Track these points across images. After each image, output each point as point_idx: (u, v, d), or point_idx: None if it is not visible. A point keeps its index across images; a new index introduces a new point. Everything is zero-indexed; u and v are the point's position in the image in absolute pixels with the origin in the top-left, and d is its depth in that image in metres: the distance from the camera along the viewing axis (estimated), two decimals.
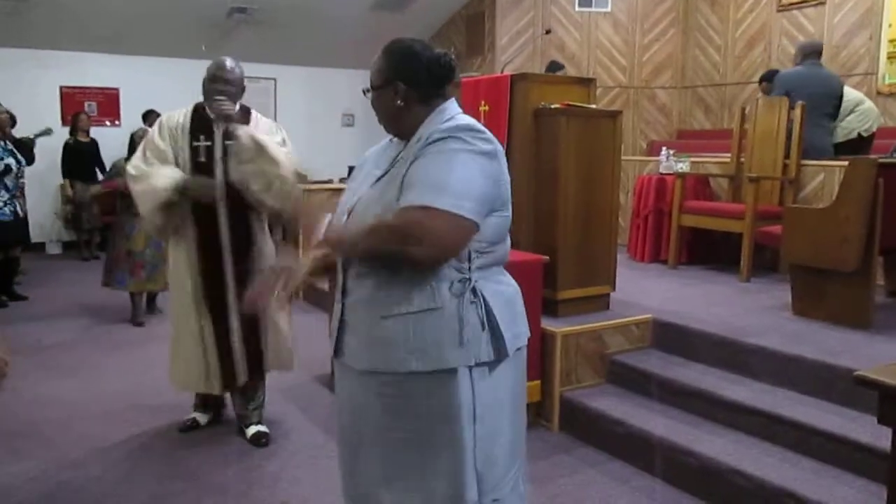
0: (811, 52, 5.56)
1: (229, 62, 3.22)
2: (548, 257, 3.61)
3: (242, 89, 3.25)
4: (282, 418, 3.64)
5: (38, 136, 7.07)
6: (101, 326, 5.45)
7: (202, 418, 3.57)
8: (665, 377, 3.48)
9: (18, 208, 6.07)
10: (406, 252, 1.55)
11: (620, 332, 3.79)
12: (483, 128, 1.69)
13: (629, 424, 3.26)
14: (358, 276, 1.71)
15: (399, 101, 1.74)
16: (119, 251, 5.43)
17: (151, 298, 5.84)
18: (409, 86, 1.73)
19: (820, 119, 5.34)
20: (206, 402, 3.57)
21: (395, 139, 1.84)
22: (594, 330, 3.71)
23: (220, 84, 3.16)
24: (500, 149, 1.71)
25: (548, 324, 3.61)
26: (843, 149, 5.45)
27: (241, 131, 3.11)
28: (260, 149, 3.09)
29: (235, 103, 3.20)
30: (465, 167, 1.60)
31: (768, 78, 6.18)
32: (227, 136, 3.16)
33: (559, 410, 3.57)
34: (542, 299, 3.56)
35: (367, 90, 1.82)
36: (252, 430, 3.42)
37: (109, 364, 4.56)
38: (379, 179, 1.73)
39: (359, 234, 1.64)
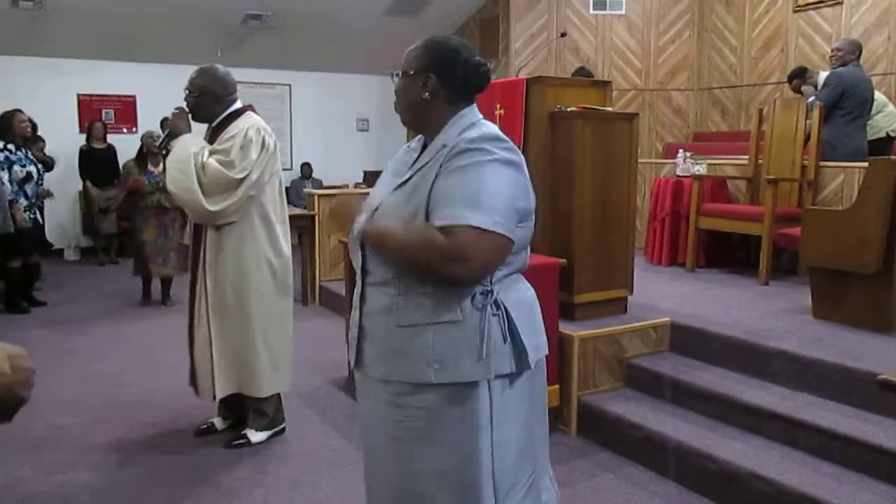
0: (858, 52, 5.49)
1: (193, 72, 3.31)
2: (565, 260, 3.59)
3: (213, 97, 3.26)
4: (299, 422, 3.64)
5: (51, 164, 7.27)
6: (121, 331, 5.49)
7: (219, 423, 3.58)
8: (683, 381, 3.45)
9: (38, 216, 6.17)
10: (446, 270, 1.54)
11: (638, 335, 3.77)
12: (505, 137, 1.68)
13: (647, 428, 3.24)
14: (377, 283, 1.68)
15: (426, 94, 1.71)
16: (137, 244, 6.17)
17: (166, 288, 6.26)
18: (441, 81, 1.70)
19: (862, 121, 5.31)
20: (229, 407, 3.57)
21: (412, 146, 1.82)
22: (612, 334, 3.69)
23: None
24: (522, 158, 1.69)
25: (565, 327, 3.60)
26: (871, 147, 5.37)
27: (174, 140, 3.26)
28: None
29: (195, 112, 3.28)
30: (497, 181, 1.58)
31: (799, 75, 6.10)
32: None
33: (577, 415, 3.56)
34: (560, 303, 3.55)
35: (397, 74, 1.78)
36: (244, 431, 3.44)
37: (129, 368, 4.59)
38: (398, 187, 1.71)
39: (399, 233, 1.61)
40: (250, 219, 3.25)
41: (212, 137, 3.29)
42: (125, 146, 8.49)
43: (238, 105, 3.33)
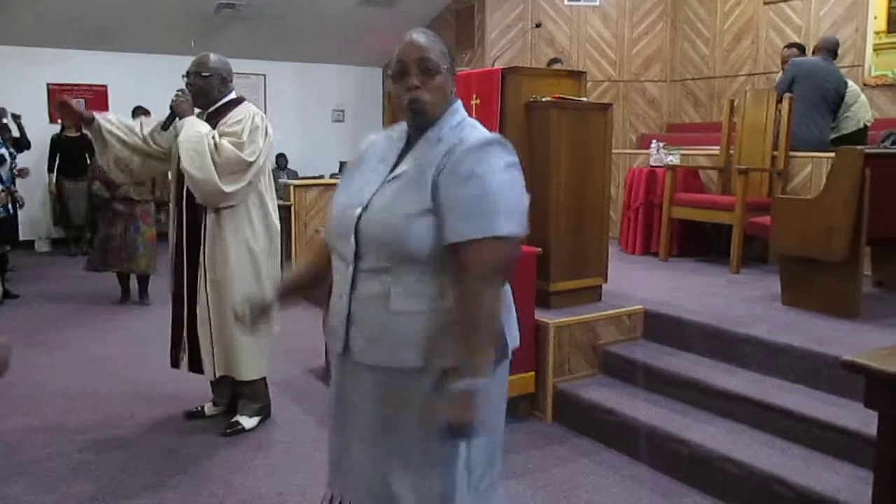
0: (824, 48, 5.62)
1: (199, 56, 3.33)
2: (540, 249, 3.63)
3: (220, 79, 3.30)
4: (277, 411, 3.65)
5: (17, 122, 7.24)
6: (96, 320, 5.46)
7: (210, 409, 3.62)
8: (657, 367, 3.52)
9: (10, 204, 6.06)
10: (495, 289, 1.62)
11: (613, 323, 3.83)
12: (502, 138, 1.71)
13: (621, 414, 3.30)
14: (371, 269, 1.67)
15: (451, 89, 1.72)
16: (101, 237, 5.91)
17: (143, 286, 6.02)
18: (453, 76, 1.73)
19: (820, 112, 5.38)
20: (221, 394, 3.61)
21: (394, 136, 1.78)
22: (587, 321, 3.75)
23: (187, 77, 3.32)
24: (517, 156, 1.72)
25: (541, 315, 3.64)
26: (852, 138, 5.43)
27: (178, 122, 3.27)
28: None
29: (201, 94, 3.29)
30: (506, 187, 1.62)
31: (794, 46, 6.19)
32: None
33: (552, 401, 3.61)
34: (536, 291, 3.59)
35: (437, 72, 1.68)
36: (235, 418, 3.47)
37: (105, 356, 4.58)
38: (393, 178, 1.69)
39: (469, 339, 1.59)
40: (247, 203, 3.30)
41: (207, 123, 3.30)
42: None
43: (234, 94, 3.39)
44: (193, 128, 3.21)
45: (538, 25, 7.21)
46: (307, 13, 8.87)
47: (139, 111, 8.63)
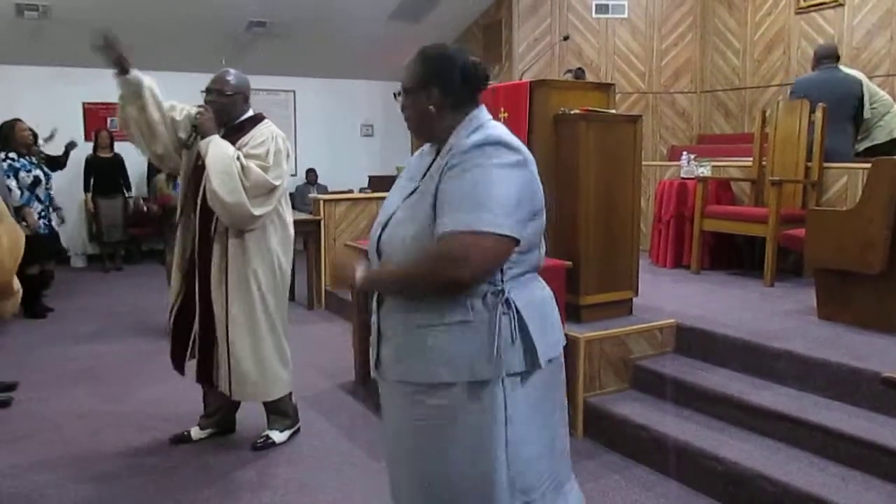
0: (824, 56, 5.49)
1: (220, 74, 3.32)
2: (570, 263, 3.61)
3: (244, 98, 3.31)
4: (306, 425, 3.65)
5: (67, 149, 7.34)
6: (127, 336, 5.52)
7: (196, 433, 3.55)
8: (689, 382, 3.46)
9: (53, 221, 6.23)
10: (445, 276, 1.56)
11: (644, 337, 3.78)
12: (510, 137, 1.68)
13: (653, 430, 3.25)
14: None
15: (431, 107, 1.72)
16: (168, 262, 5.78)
17: None
18: (442, 91, 1.71)
19: (839, 124, 5.24)
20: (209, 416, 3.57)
21: (426, 150, 1.83)
22: (617, 335, 3.70)
23: (208, 94, 3.31)
24: (529, 156, 1.69)
25: (571, 329, 3.61)
26: (884, 149, 5.29)
27: (201, 141, 3.22)
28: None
29: (222, 113, 3.27)
30: (496, 183, 1.58)
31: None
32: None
33: (583, 416, 3.56)
34: (566, 304, 3.56)
35: (399, 93, 1.79)
36: (265, 433, 3.48)
37: (135, 373, 4.61)
38: (411, 193, 1.73)
39: (391, 266, 1.67)
40: (268, 226, 3.29)
41: (225, 140, 3.27)
42: (132, 154, 8.54)
43: (252, 111, 3.39)
44: (220, 149, 3.17)
45: (566, 38, 7.19)
46: (336, 30, 8.96)
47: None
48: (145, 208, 7.49)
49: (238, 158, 3.16)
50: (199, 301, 3.29)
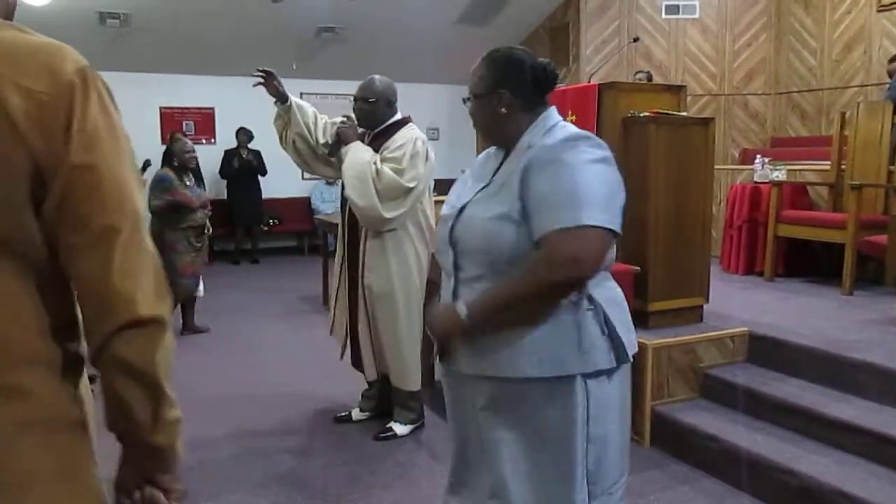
0: None
1: (365, 81, 3.47)
2: (639, 268, 3.55)
3: (387, 102, 3.48)
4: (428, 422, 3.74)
5: (143, 167, 7.63)
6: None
7: (356, 413, 3.80)
8: (762, 392, 3.36)
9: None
10: (560, 277, 1.54)
11: (714, 345, 3.69)
12: (593, 134, 1.68)
13: (723, 440, 3.16)
14: (471, 279, 1.70)
15: (502, 109, 1.73)
16: (169, 263, 5.28)
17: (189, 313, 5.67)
18: (512, 93, 1.72)
19: None
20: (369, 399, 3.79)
21: (492, 153, 1.83)
22: (686, 342, 3.62)
23: (355, 102, 3.47)
24: (611, 153, 1.68)
25: (639, 336, 3.51)
26: None
27: (343, 148, 3.40)
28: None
29: (367, 118, 3.44)
30: (592, 178, 1.58)
31: None
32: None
33: (650, 425, 3.50)
34: (633, 310, 3.49)
35: (468, 98, 1.80)
36: (389, 424, 3.62)
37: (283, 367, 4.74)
38: (483, 187, 1.73)
39: (494, 290, 1.63)
40: (408, 225, 3.42)
41: (372, 144, 3.42)
42: (203, 156, 8.79)
43: (400, 115, 3.51)
44: (357, 154, 3.33)
45: (636, 40, 7.10)
46: (403, 34, 9.03)
47: (242, 133, 9.04)
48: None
49: (375, 163, 3.30)
50: (349, 292, 3.54)
